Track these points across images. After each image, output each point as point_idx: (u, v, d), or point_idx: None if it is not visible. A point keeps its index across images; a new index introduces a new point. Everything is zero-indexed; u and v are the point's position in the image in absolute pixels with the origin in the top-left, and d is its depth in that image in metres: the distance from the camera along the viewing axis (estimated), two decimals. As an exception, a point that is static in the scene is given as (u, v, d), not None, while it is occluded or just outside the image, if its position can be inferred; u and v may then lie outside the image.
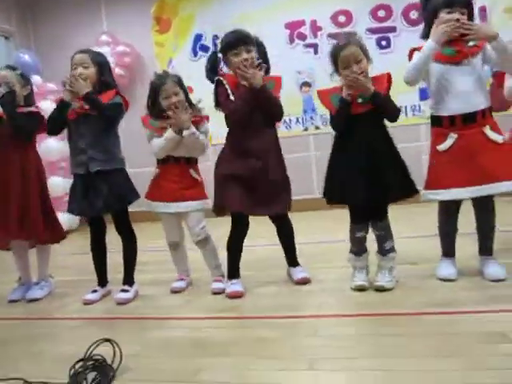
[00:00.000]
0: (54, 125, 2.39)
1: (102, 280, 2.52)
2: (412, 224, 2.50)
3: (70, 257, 3.75)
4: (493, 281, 2.12)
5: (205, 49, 4.93)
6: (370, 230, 2.24)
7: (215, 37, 4.89)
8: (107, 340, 1.63)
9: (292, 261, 2.46)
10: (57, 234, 2.63)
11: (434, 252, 2.38)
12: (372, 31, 4.51)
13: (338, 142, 2.24)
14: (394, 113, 2.14)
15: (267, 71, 2.32)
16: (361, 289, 2.19)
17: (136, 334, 1.92)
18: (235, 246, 2.35)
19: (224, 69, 2.41)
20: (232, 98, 2.25)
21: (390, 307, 1.98)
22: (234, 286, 2.30)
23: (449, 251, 2.29)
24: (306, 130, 4.75)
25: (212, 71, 2.34)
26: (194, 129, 2.34)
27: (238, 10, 4.81)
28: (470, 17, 2.09)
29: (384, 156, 2.14)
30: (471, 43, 2.09)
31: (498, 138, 2.06)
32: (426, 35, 2.14)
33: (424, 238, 2.75)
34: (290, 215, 2.44)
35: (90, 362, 1.57)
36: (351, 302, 2.11)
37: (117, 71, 4.75)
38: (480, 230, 2.24)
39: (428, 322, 1.80)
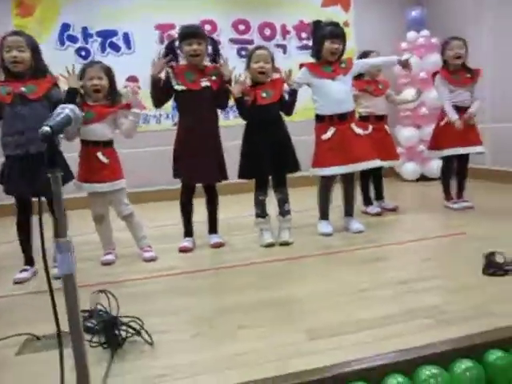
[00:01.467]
0: None
1: (31, 259, 2.59)
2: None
3: None
4: (356, 232, 3.01)
5: (73, 39, 4.92)
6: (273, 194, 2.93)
7: (84, 28, 4.93)
8: (101, 291, 1.90)
9: (212, 229, 2.98)
10: None
11: (308, 220, 3.20)
12: (233, 41, 5.20)
13: (247, 131, 2.85)
14: (293, 108, 2.85)
15: (216, 62, 2.86)
16: (269, 245, 2.84)
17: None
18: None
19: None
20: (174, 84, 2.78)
21: (297, 253, 2.67)
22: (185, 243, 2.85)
23: (325, 214, 3.11)
24: (174, 125, 5.16)
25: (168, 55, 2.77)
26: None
27: (109, 5, 4.95)
28: (344, 45, 2.93)
29: (284, 140, 2.85)
30: (343, 64, 2.94)
31: (360, 132, 2.96)
32: (314, 54, 2.93)
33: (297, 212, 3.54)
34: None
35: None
36: (268, 252, 2.75)
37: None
38: (346, 197, 3.13)
39: (325, 259, 2.56)
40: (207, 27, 5.17)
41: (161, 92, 2.79)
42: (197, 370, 1.40)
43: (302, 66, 3.00)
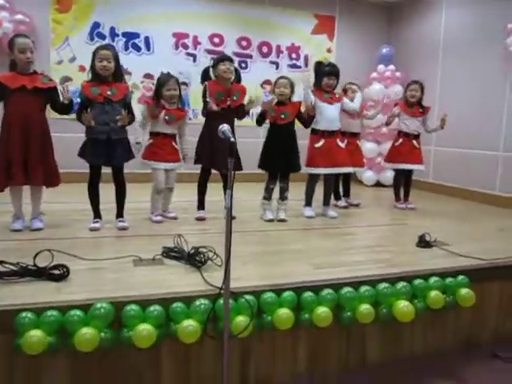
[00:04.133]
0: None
1: (99, 214, 3.49)
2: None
3: None
4: (331, 218, 4.13)
5: (101, 36, 5.71)
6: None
7: (112, 28, 5.74)
8: (179, 235, 2.87)
9: None
10: (55, 179, 3.40)
11: (297, 206, 4.29)
12: (237, 55, 6.18)
13: (269, 138, 3.90)
14: (311, 123, 3.95)
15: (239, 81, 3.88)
16: (270, 220, 3.89)
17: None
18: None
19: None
20: (208, 98, 3.72)
21: (290, 227, 3.74)
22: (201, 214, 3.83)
23: (309, 202, 4.21)
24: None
25: (204, 79, 3.74)
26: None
27: (134, 10, 5.78)
28: (337, 80, 4.02)
29: (293, 147, 3.88)
30: (337, 95, 4.04)
31: (342, 145, 4.07)
32: (317, 85, 4.00)
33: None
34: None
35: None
36: (269, 225, 3.80)
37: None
38: (325, 191, 4.23)
39: (311, 232, 3.64)
40: (216, 40, 6.15)
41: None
42: (253, 277, 2.43)
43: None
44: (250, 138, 4.11)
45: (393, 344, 2.59)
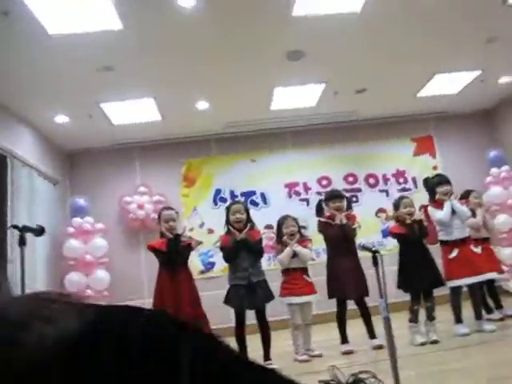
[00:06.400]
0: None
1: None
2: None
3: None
4: (489, 331, 3.72)
5: (223, 200, 6.47)
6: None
7: (232, 191, 6.52)
8: (334, 366, 2.81)
9: (371, 334, 3.82)
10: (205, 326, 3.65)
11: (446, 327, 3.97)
12: (346, 191, 6.49)
13: (402, 257, 3.89)
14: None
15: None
16: (422, 344, 3.62)
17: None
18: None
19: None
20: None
21: (445, 347, 3.44)
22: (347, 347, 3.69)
23: (460, 319, 3.88)
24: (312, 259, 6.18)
25: (318, 212, 3.99)
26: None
27: (248, 172, 6.58)
28: (451, 186, 4.02)
29: (431, 261, 3.80)
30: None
31: (477, 250, 3.88)
32: (431, 200, 4.03)
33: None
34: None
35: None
36: (422, 348, 3.53)
37: (152, 216, 6.02)
38: (474, 304, 3.90)
39: (471, 349, 3.30)
40: (324, 182, 6.60)
41: None
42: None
43: (425, 207, 4.08)
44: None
45: None
